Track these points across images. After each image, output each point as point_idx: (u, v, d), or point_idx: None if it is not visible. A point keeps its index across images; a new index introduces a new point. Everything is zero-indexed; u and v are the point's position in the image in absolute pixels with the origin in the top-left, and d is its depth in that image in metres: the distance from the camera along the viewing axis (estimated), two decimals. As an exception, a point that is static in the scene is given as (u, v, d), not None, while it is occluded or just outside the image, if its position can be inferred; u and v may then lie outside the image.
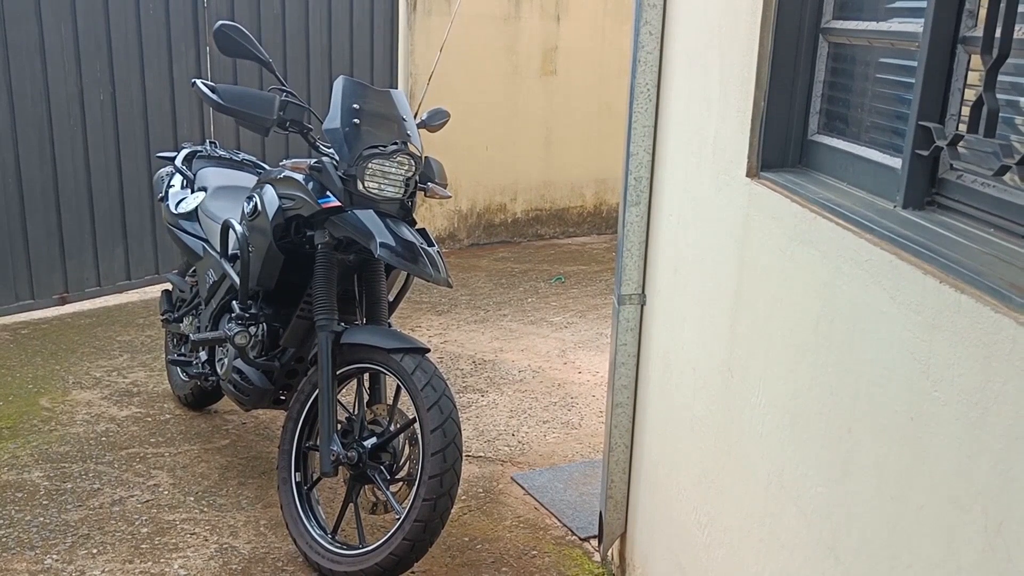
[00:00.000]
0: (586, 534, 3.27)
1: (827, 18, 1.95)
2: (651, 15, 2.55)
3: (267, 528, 3.25)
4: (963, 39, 1.50)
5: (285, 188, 3.11)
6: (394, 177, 2.94)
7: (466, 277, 6.31)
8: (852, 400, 1.56)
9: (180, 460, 3.71)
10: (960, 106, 1.52)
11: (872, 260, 1.50)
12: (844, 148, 1.86)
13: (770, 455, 1.88)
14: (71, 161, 5.34)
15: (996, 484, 1.18)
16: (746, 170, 2.01)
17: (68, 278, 5.46)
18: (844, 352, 1.60)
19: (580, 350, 5.02)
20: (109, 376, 4.48)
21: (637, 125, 2.63)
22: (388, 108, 3.08)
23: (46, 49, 5.12)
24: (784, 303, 1.84)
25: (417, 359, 2.84)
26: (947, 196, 1.54)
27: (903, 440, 1.40)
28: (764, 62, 1.95)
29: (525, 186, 7.27)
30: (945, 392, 1.29)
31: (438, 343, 5.05)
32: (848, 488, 1.57)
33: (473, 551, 3.16)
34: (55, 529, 3.19)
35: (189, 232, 3.81)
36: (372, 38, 6.52)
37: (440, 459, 2.73)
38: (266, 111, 3.02)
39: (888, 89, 1.77)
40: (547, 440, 3.98)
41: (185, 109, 5.77)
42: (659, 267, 2.62)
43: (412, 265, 2.84)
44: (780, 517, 1.83)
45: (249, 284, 3.24)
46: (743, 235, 2.03)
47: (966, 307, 1.24)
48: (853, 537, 1.55)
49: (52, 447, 3.75)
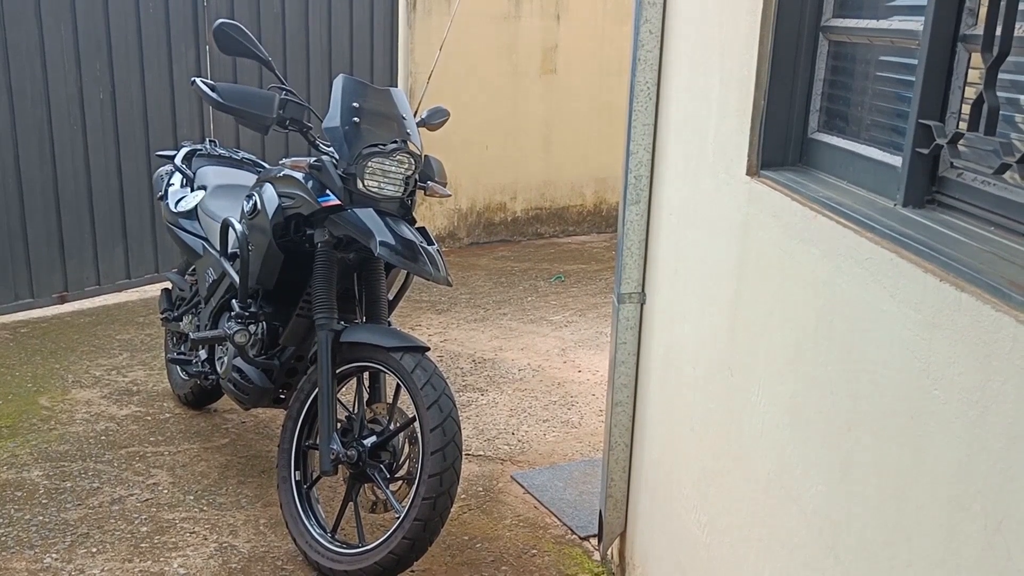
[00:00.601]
0: (586, 533, 3.26)
1: (827, 16, 1.94)
2: (651, 13, 2.55)
3: (267, 527, 3.25)
4: (963, 37, 1.50)
5: (285, 187, 3.10)
6: (394, 176, 2.93)
7: (466, 276, 6.31)
8: (852, 399, 1.56)
9: (180, 459, 3.71)
10: (960, 104, 1.52)
11: (872, 258, 1.50)
12: (844, 146, 1.85)
13: (770, 454, 1.88)
14: (71, 161, 5.34)
15: (996, 483, 1.17)
16: (746, 168, 2.01)
17: (68, 277, 5.45)
18: (844, 351, 1.59)
19: (580, 349, 5.01)
20: (109, 375, 4.48)
21: (637, 123, 2.63)
22: (388, 107, 3.08)
23: (46, 49, 5.11)
24: (784, 302, 1.83)
25: (417, 357, 2.84)
26: (947, 194, 1.54)
27: (903, 439, 1.39)
28: (764, 60, 1.95)
29: (525, 185, 7.26)
30: (945, 391, 1.29)
31: (438, 342, 5.05)
32: (848, 487, 1.57)
33: (473, 550, 3.16)
34: (54, 528, 3.18)
35: (188, 231, 3.80)
36: (372, 37, 6.52)
37: (440, 458, 2.73)
38: (266, 109, 3.01)
39: (888, 87, 1.76)
40: (547, 439, 3.98)
41: (185, 109, 5.77)
42: (659, 266, 2.62)
43: (412, 264, 2.83)
44: (780, 517, 1.83)
45: (249, 283, 3.24)
46: (743, 233, 2.03)
47: (966, 305, 1.24)
48: (853, 536, 1.55)
49: (51, 446, 3.75)
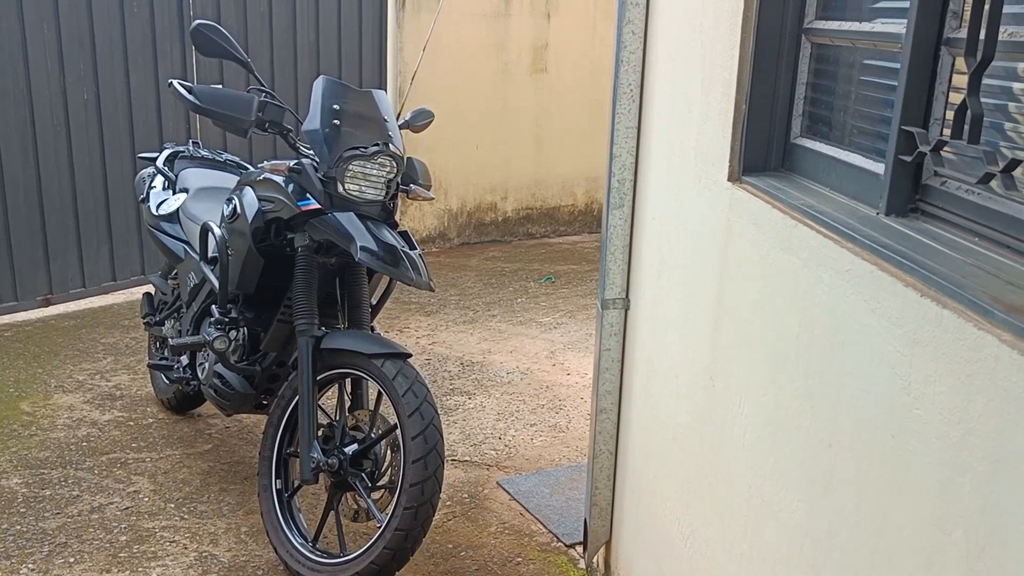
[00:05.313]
0: (572, 540, 3.22)
1: (810, 18, 1.90)
2: (634, 14, 2.50)
3: (248, 536, 3.20)
4: (947, 40, 1.45)
5: (264, 190, 3.05)
6: (375, 179, 2.89)
7: (455, 277, 6.26)
8: (832, 413, 1.52)
9: (161, 465, 3.66)
10: (944, 110, 1.47)
11: (853, 270, 1.46)
12: (827, 152, 1.81)
13: (752, 466, 1.84)
14: (54, 161, 5.28)
15: (978, 507, 1.13)
16: (728, 174, 1.96)
17: (52, 279, 5.39)
18: (825, 363, 1.55)
19: (569, 351, 4.97)
20: (92, 379, 4.43)
21: (620, 126, 2.58)
22: (369, 109, 3.03)
23: (28, 47, 5.05)
24: (765, 311, 1.79)
25: (398, 364, 2.79)
26: (931, 203, 1.50)
27: (884, 457, 1.35)
28: (745, 63, 1.90)
29: (516, 185, 7.21)
30: (926, 409, 1.24)
31: (426, 344, 5.00)
32: (829, 504, 1.52)
33: (457, 558, 3.11)
34: (32, 537, 3.13)
35: (170, 234, 3.75)
36: (360, 37, 6.46)
37: (421, 466, 2.68)
38: (244, 112, 2.96)
39: (871, 92, 1.72)
40: (534, 444, 3.93)
41: (170, 109, 5.70)
42: (643, 271, 2.58)
43: (393, 269, 2.79)
44: (761, 531, 1.79)
45: (229, 288, 3.18)
46: (725, 241, 1.98)
47: (948, 322, 1.19)
48: (834, 555, 1.50)
49: (32, 452, 3.70)
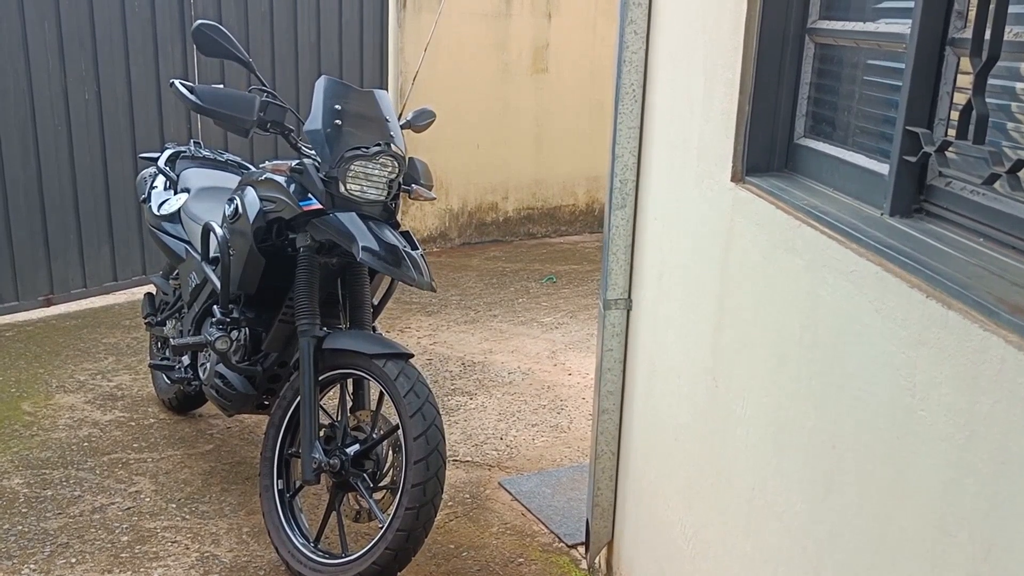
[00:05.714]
0: (573, 541, 3.21)
1: (813, 18, 1.89)
2: (636, 14, 2.50)
3: (249, 536, 3.20)
4: (952, 41, 1.45)
5: (266, 190, 3.05)
6: (377, 179, 2.88)
7: (457, 277, 6.26)
8: (835, 414, 1.51)
9: (163, 466, 3.65)
10: (949, 110, 1.47)
11: (857, 271, 1.45)
12: (831, 152, 1.80)
13: (754, 467, 1.83)
14: (55, 160, 5.28)
15: (983, 509, 1.12)
16: (731, 174, 1.96)
17: (53, 279, 5.39)
18: (828, 364, 1.54)
19: (570, 351, 4.96)
20: (93, 379, 4.42)
21: (622, 126, 2.58)
22: (371, 109, 3.03)
23: (29, 46, 5.05)
24: (768, 311, 1.79)
25: (400, 364, 2.79)
26: (935, 203, 1.49)
27: (887, 459, 1.35)
28: (748, 63, 1.90)
29: (516, 184, 7.21)
30: (931, 411, 1.24)
31: (427, 344, 5.00)
32: (831, 505, 1.52)
33: (459, 559, 3.11)
34: (33, 538, 3.13)
35: (171, 234, 3.75)
36: (361, 36, 6.45)
37: (423, 467, 2.68)
38: (246, 112, 2.95)
39: (875, 92, 1.71)
40: (536, 444, 3.93)
41: (172, 108, 5.70)
42: (645, 271, 2.57)
43: (395, 269, 2.78)
44: (763, 532, 1.78)
45: (230, 288, 3.18)
46: (727, 241, 1.98)
47: (953, 323, 1.19)
48: (837, 556, 1.50)
49: (33, 453, 3.70)
